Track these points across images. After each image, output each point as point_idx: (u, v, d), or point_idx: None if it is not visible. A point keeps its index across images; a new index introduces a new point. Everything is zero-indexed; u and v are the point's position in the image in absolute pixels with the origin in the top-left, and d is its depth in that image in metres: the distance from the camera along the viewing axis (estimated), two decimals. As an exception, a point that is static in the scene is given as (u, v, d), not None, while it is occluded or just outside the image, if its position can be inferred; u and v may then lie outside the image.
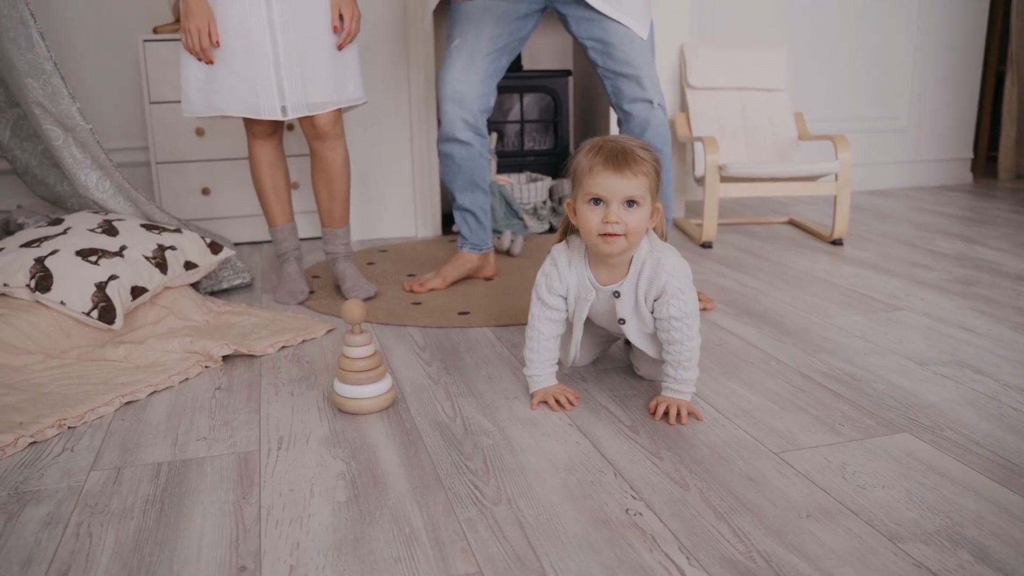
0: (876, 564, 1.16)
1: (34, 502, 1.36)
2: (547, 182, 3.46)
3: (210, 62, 2.17)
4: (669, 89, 3.55)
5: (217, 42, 2.15)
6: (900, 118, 4.32)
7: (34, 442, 1.57)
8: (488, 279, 2.68)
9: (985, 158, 5.07)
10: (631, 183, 1.52)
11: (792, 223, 3.51)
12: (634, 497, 1.34)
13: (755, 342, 2.07)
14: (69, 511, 1.33)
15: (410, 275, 2.74)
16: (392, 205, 3.39)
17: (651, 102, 2.27)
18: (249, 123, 2.35)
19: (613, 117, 3.60)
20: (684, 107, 3.60)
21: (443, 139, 2.45)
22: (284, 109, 2.24)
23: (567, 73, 3.66)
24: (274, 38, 2.18)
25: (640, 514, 1.29)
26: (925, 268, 2.75)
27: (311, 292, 2.52)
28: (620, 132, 2.36)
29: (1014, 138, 4.61)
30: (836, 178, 3.12)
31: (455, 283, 2.60)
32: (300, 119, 2.30)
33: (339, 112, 2.34)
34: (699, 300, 2.03)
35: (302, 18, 2.19)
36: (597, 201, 1.55)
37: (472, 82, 2.35)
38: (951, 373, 1.85)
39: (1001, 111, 4.72)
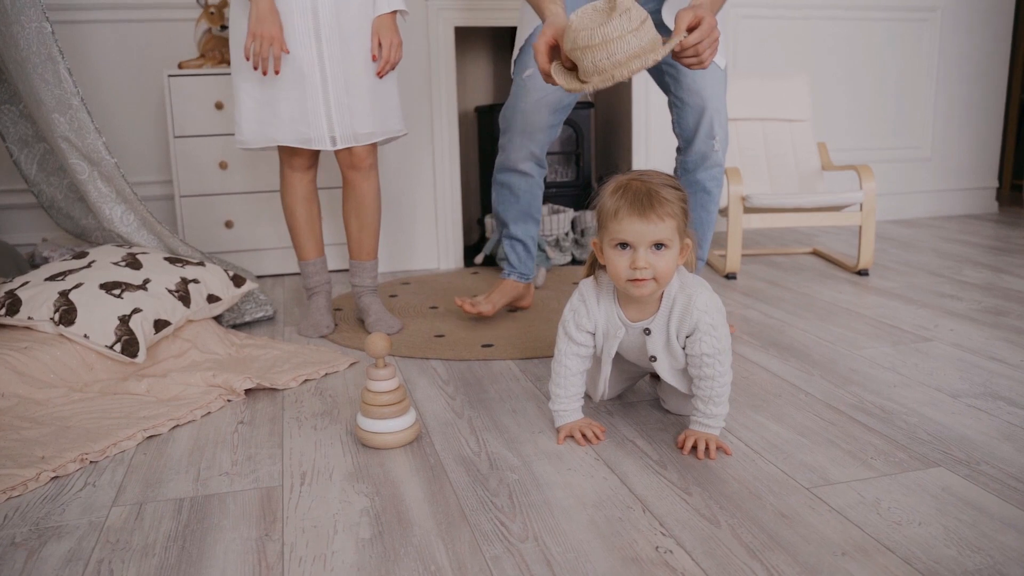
0: (916, 605, 1.12)
1: (55, 538, 1.35)
2: (569, 214, 3.45)
3: (274, 72, 2.17)
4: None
5: (286, 49, 2.16)
6: (923, 147, 4.29)
7: (56, 477, 1.56)
8: (525, 308, 2.68)
9: (1010, 187, 5.02)
10: (657, 227, 1.49)
11: (816, 253, 3.48)
12: (664, 534, 1.31)
13: (782, 374, 2.03)
14: (90, 547, 1.32)
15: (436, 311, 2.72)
16: (414, 237, 3.40)
17: (714, 139, 2.18)
18: (289, 156, 2.36)
19: (635, 149, 3.61)
20: (705, 138, 3.58)
21: (504, 168, 2.39)
22: (333, 139, 2.26)
23: (589, 105, 3.66)
24: (323, 70, 2.21)
25: (671, 552, 1.26)
26: (953, 298, 2.71)
27: (335, 326, 2.52)
28: (676, 162, 2.29)
29: (1040, 167, 4.56)
30: (861, 208, 3.10)
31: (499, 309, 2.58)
32: (338, 150, 2.32)
33: (375, 143, 2.35)
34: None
35: (350, 51, 2.22)
36: (624, 246, 1.52)
37: (543, 113, 2.25)
38: (985, 405, 1.81)
39: (1026, 140, 4.68)
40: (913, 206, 4.35)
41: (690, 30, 1.71)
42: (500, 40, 3.97)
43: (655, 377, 1.93)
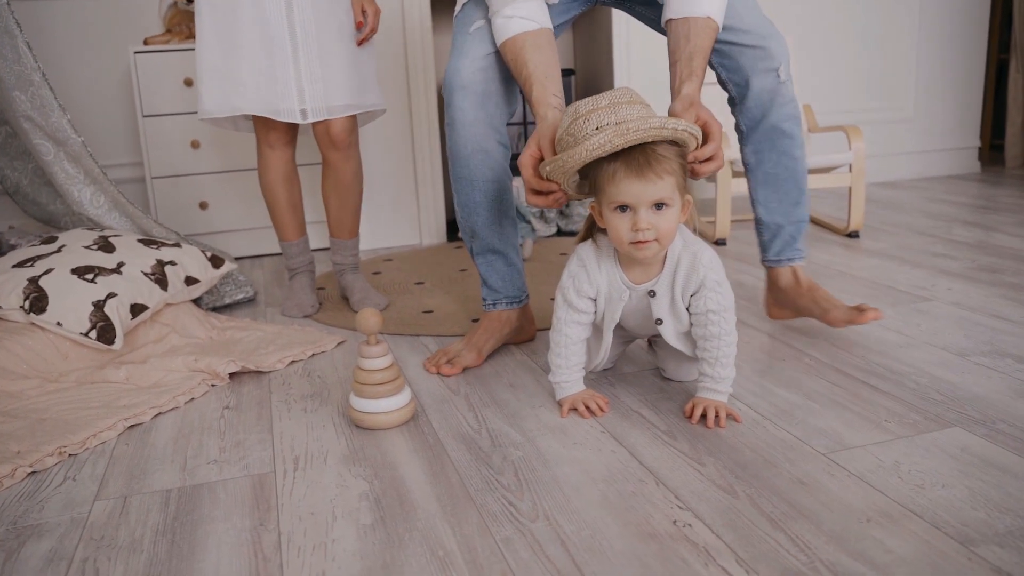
0: (951, 571, 1.07)
1: (35, 537, 1.27)
2: (552, 184, 3.37)
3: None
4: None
5: None
6: (906, 108, 4.24)
7: (33, 472, 1.48)
8: (529, 340, 2.05)
9: (989, 146, 5.00)
10: (656, 186, 1.42)
11: (804, 217, 3.43)
12: (680, 507, 1.25)
13: (784, 338, 1.98)
14: (73, 545, 1.24)
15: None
16: (395, 213, 3.31)
17: (777, 68, 1.76)
18: (264, 132, 2.25)
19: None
20: (689, 103, 3.51)
21: (460, 154, 1.80)
22: (304, 112, 2.15)
23: (570, 72, 3.58)
24: (294, 39, 2.10)
25: (689, 525, 1.20)
26: (947, 257, 2.67)
27: (319, 305, 2.43)
28: (736, 118, 1.89)
29: (1020, 125, 4.54)
30: (850, 169, 3.04)
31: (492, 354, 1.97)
32: (315, 126, 2.22)
33: (355, 120, 2.26)
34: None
35: (323, 20, 2.11)
36: (623, 208, 1.45)
37: (497, 77, 1.75)
38: (993, 363, 1.77)
39: (1006, 99, 4.65)
40: (896, 168, 4.31)
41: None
42: (475, 9, 3.86)
43: (651, 344, 1.87)
